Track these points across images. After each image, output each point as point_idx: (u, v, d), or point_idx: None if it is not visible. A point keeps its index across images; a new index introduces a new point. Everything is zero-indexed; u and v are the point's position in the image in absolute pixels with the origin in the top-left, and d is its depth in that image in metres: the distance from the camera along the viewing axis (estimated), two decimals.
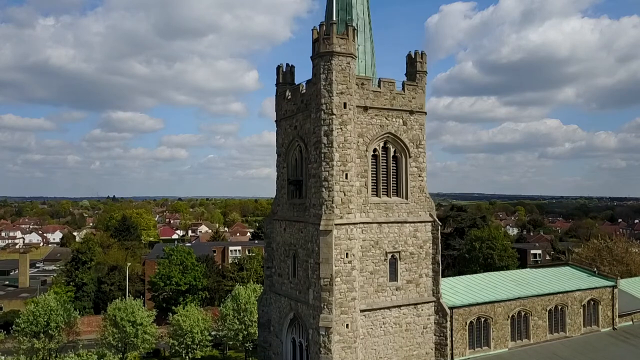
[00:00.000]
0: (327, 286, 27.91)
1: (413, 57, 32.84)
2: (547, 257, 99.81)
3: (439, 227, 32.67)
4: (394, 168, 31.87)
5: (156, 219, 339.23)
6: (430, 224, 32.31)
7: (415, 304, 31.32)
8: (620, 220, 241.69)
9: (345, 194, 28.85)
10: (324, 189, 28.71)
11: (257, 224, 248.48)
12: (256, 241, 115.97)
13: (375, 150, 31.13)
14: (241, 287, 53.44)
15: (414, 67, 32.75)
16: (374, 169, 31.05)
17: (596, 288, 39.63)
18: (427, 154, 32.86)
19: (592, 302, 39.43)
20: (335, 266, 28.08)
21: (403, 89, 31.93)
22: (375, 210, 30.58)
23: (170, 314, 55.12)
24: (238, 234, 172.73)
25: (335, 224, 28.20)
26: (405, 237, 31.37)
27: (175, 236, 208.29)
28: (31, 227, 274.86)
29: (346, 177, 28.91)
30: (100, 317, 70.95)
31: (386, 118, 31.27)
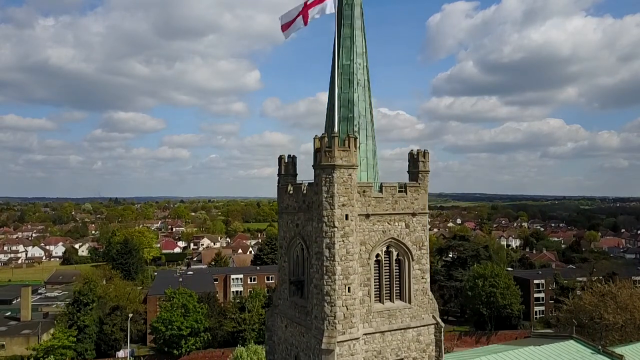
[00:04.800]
0: None
1: (415, 156, 32.45)
2: (550, 288, 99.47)
3: (442, 329, 32.32)
4: (397, 271, 31.50)
5: (158, 224, 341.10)
6: (433, 326, 31.96)
7: None
8: (623, 230, 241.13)
9: (347, 308, 28.50)
10: (326, 304, 28.35)
11: (259, 234, 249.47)
12: (257, 267, 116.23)
13: (377, 255, 30.79)
14: (243, 348, 53.21)
15: (416, 167, 32.36)
16: (377, 275, 30.69)
17: None
18: (429, 153, 32.58)
19: None
20: None
21: (405, 191, 31.55)
22: (378, 318, 30.24)
23: None
24: (240, 250, 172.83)
25: (338, 342, 27.86)
26: (409, 342, 31.02)
27: (177, 249, 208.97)
28: (33, 235, 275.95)
29: (349, 291, 28.55)
30: None
31: (388, 223, 30.90)
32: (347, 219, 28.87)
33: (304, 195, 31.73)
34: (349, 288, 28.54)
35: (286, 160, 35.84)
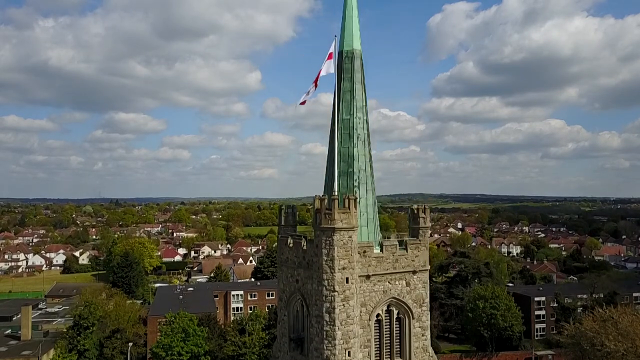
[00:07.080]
0: None
1: (416, 212, 32.21)
2: (551, 305, 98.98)
3: None
4: (397, 329, 31.28)
5: (159, 228, 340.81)
6: None
7: None
8: (624, 236, 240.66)
9: None
10: None
11: (260, 240, 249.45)
12: (258, 282, 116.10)
13: (378, 315, 30.55)
14: None
15: (416, 223, 32.12)
16: (377, 335, 30.45)
17: None
18: (430, 154, 32.38)
19: None
20: None
21: (406, 248, 31.30)
22: None
23: None
24: (240, 260, 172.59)
25: None
26: None
27: (177, 257, 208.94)
28: (34, 240, 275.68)
29: (349, 355, 28.30)
30: None
31: (389, 282, 30.66)
32: (347, 282, 28.60)
33: (304, 252, 31.44)
34: (349, 352, 28.29)
35: (286, 211, 35.62)
